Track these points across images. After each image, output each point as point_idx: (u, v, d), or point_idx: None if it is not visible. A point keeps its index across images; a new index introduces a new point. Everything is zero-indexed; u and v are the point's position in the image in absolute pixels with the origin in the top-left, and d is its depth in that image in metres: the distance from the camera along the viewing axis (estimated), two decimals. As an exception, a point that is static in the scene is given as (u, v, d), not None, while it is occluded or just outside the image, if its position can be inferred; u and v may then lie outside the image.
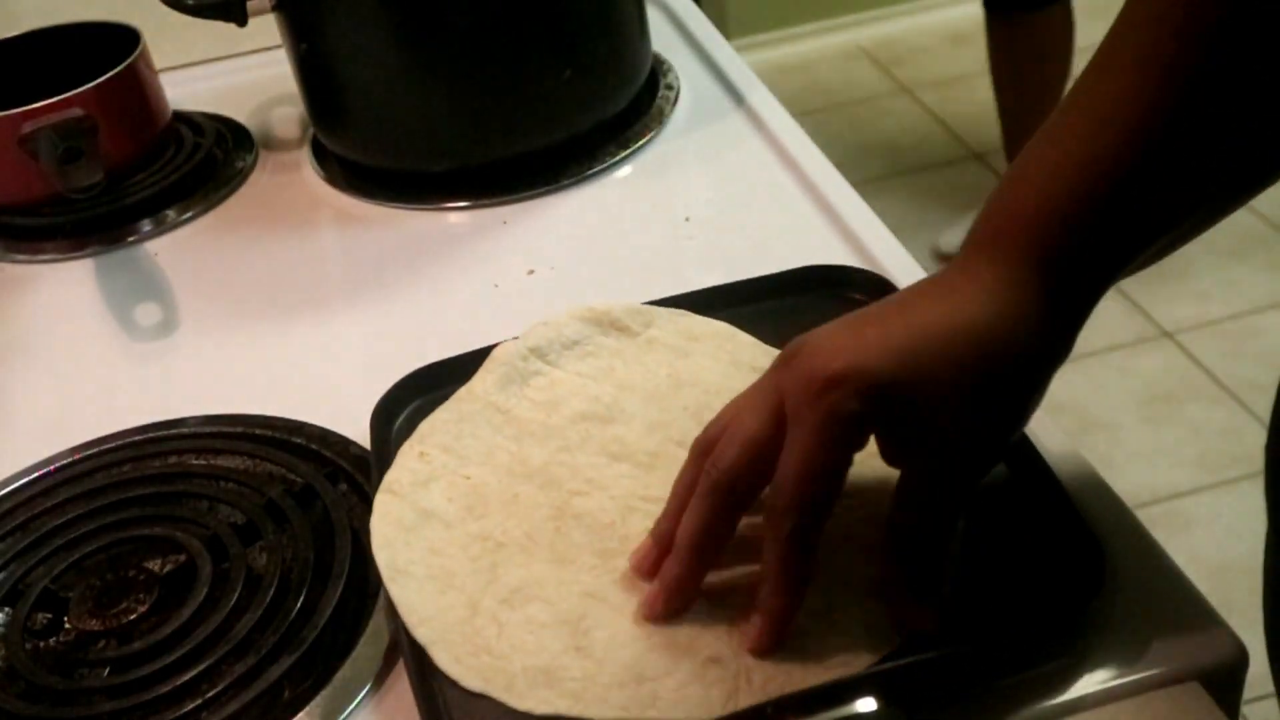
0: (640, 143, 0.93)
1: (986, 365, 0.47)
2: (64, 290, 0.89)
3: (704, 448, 0.50)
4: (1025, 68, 2.20)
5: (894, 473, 0.50)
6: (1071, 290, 0.48)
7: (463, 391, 0.64)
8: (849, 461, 0.48)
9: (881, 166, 2.70)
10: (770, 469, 0.48)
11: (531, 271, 0.82)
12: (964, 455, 0.48)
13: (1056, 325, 0.48)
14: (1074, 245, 0.48)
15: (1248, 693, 0.52)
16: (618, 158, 0.92)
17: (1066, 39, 2.18)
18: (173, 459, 0.68)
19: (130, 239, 0.92)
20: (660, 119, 0.96)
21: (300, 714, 0.53)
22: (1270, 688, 0.66)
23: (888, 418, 0.47)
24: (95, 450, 0.70)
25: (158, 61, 1.00)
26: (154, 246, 0.92)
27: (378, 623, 0.57)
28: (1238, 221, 2.56)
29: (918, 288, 0.51)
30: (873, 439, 0.48)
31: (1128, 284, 2.25)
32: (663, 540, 0.52)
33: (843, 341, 0.47)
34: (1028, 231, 0.48)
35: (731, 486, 0.49)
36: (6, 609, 0.60)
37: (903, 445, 0.49)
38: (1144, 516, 0.57)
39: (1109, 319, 2.19)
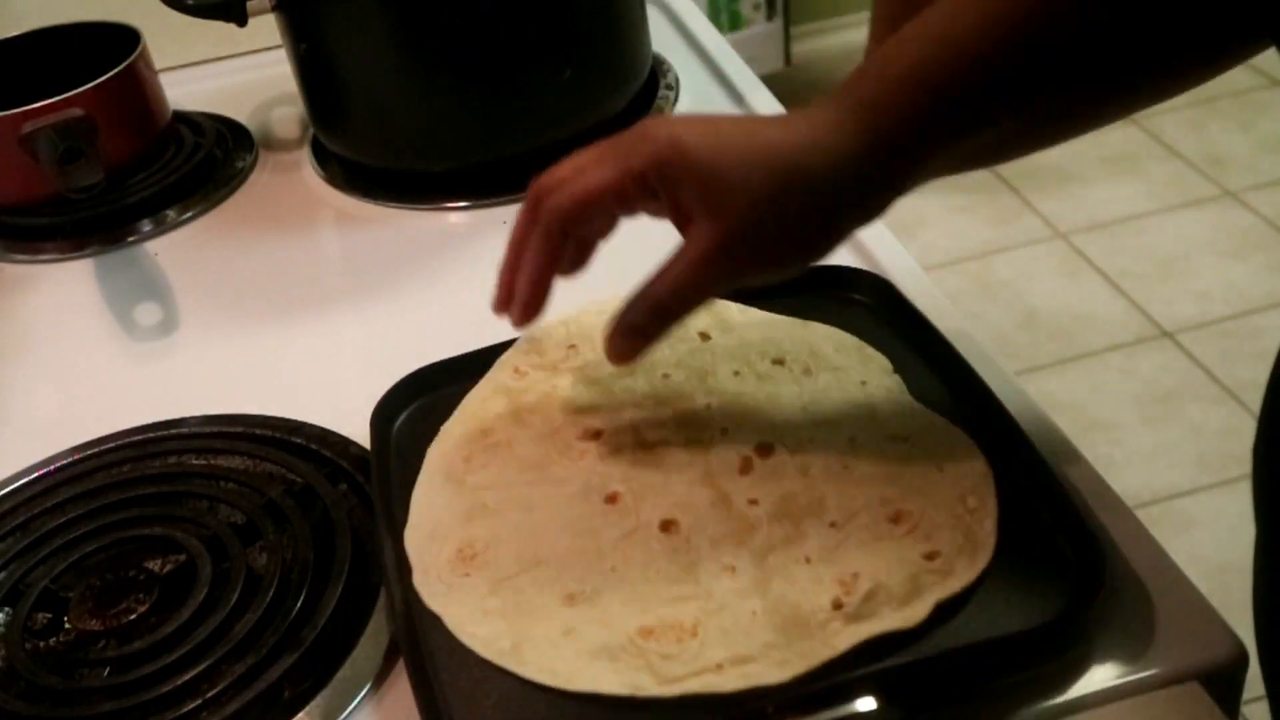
0: (640, 143, 0.93)
1: (785, 176, 0.52)
2: (64, 290, 0.89)
3: (540, 194, 0.56)
4: None
5: None
6: (892, 139, 0.52)
7: None
8: (624, 205, 0.55)
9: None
10: (599, 218, 0.56)
11: (531, 271, 0.82)
12: (736, 244, 0.53)
13: (869, 168, 0.53)
14: (901, 100, 0.52)
15: (1248, 693, 0.52)
16: (618, 158, 0.92)
17: None
18: (173, 459, 0.68)
19: (130, 239, 0.92)
20: (660, 119, 0.96)
21: (300, 714, 0.53)
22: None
23: (679, 180, 0.53)
24: (95, 450, 0.70)
25: (158, 61, 1.00)
26: (154, 246, 0.92)
27: (378, 623, 0.57)
28: (1237, 221, 2.54)
29: (765, 117, 0.59)
30: None
31: (1128, 284, 2.26)
32: (507, 286, 0.59)
33: (681, 124, 0.55)
34: (861, 85, 0.54)
35: (563, 230, 0.56)
36: (6, 609, 0.60)
37: (689, 214, 0.54)
38: (1144, 516, 0.57)
39: (1109, 319, 2.19)
